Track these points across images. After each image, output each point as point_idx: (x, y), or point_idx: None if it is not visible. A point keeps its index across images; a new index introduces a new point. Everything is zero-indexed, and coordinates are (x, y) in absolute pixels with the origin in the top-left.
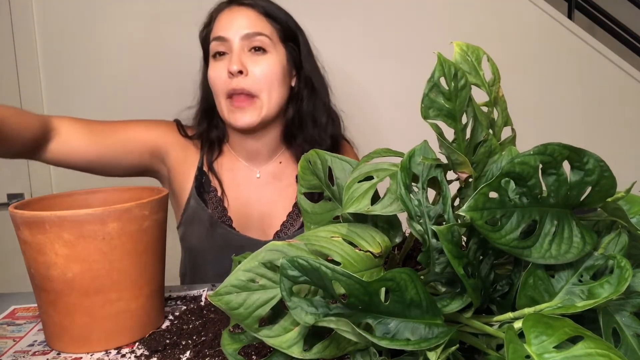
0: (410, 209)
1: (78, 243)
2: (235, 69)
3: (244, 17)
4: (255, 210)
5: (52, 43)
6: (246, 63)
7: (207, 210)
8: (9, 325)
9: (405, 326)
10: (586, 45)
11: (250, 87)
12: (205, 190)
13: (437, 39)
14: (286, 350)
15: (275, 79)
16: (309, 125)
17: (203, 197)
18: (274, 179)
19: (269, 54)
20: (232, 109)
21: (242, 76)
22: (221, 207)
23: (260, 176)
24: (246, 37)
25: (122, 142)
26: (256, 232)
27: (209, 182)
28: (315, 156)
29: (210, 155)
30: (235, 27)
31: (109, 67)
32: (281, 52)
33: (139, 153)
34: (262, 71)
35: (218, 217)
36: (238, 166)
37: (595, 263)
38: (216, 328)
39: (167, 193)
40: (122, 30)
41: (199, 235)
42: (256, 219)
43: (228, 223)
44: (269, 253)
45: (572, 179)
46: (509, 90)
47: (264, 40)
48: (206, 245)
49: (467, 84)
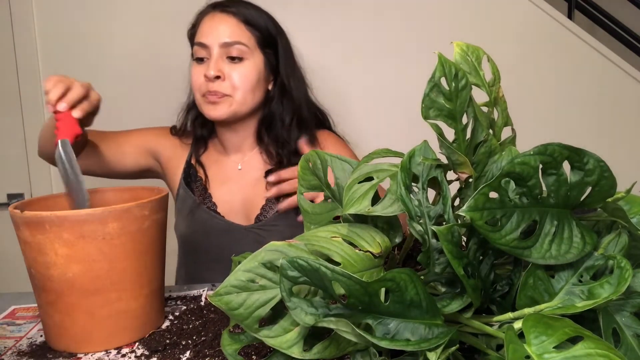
0: (411, 209)
1: (78, 243)
2: (212, 74)
3: (225, 25)
4: (238, 197)
5: (52, 43)
6: (223, 69)
7: (193, 197)
8: (9, 325)
9: (405, 326)
10: (586, 45)
11: (225, 90)
12: (192, 179)
13: (437, 39)
14: (286, 350)
15: (250, 84)
16: (277, 126)
17: (190, 186)
18: (254, 169)
19: (246, 61)
20: (206, 102)
21: (219, 81)
22: (206, 194)
23: (241, 167)
24: (225, 45)
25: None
26: (240, 218)
27: (195, 172)
28: (315, 156)
29: (197, 150)
30: (215, 35)
31: (109, 67)
32: (258, 58)
33: (134, 154)
34: (239, 76)
35: (202, 202)
36: (222, 159)
37: (595, 263)
38: (216, 328)
39: (167, 193)
40: (122, 30)
41: (187, 221)
42: (239, 205)
43: (213, 208)
44: (268, 253)
45: (572, 179)
46: (509, 90)
47: (242, 49)
48: (193, 229)
49: (467, 84)
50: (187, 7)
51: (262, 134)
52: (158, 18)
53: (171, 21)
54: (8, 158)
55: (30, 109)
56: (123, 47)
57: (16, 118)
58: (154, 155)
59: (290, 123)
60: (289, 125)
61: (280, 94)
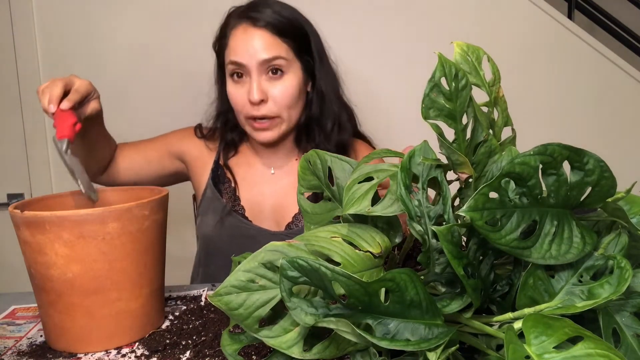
0: (411, 210)
1: (78, 243)
2: (256, 99)
3: (260, 41)
4: (269, 203)
5: (52, 43)
6: (266, 89)
7: (221, 200)
8: (9, 325)
9: (405, 326)
10: (586, 45)
11: (270, 113)
12: (220, 181)
13: (437, 39)
14: (286, 350)
15: (294, 98)
16: (315, 132)
17: (218, 187)
18: (288, 175)
19: (286, 75)
20: (254, 128)
21: (264, 104)
22: (234, 197)
23: (274, 172)
24: (264, 63)
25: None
26: (269, 224)
27: (224, 174)
28: (315, 156)
29: (227, 152)
30: (251, 53)
31: (109, 67)
32: (297, 67)
33: (159, 159)
34: (281, 94)
35: (231, 206)
36: (254, 162)
37: (595, 263)
38: (216, 328)
39: (167, 193)
40: (123, 30)
41: (212, 224)
42: (269, 211)
43: (241, 212)
44: (268, 253)
45: (572, 179)
46: (509, 90)
47: (281, 63)
48: (218, 233)
49: (467, 85)
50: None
51: (302, 140)
52: (158, 18)
53: (172, 21)
54: (8, 158)
55: (30, 109)
56: (123, 47)
57: (16, 118)
58: (179, 157)
59: (332, 129)
60: (330, 131)
61: (319, 98)
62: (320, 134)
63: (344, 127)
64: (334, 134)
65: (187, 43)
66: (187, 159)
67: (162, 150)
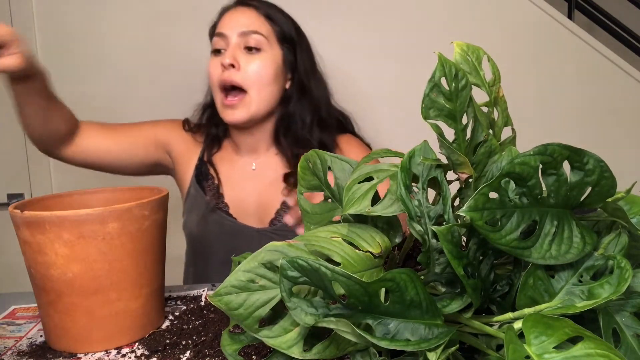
0: (411, 210)
1: (78, 243)
2: (227, 62)
3: (245, 16)
4: (252, 199)
5: (52, 43)
6: (239, 59)
7: (204, 197)
8: (9, 325)
9: (405, 327)
10: (586, 45)
11: (240, 81)
12: (203, 178)
13: (437, 39)
14: (286, 350)
15: (266, 77)
16: (296, 127)
17: (202, 185)
18: (269, 170)
19: (264, 53)
20: (224, 105)
21: (234, 70)
22: (218, 194)
23: (255, 167)
24: (243, 35)
25: (130, 138)
26: (253, 220)
27: (207, 170)
28: (315, 156)
29: (211, 148)
30: (233, 24)
31: (109, 67)
32: (277, 52)
33: (145, 146)
34: (254, 68)
35: (215, 203)
36: (236, 159)
37: (595, 263)
38: (216, 328)
39: (167, 193)
40: (123, 30)
41: (197, 221)
42: (253, 207)
43: (225, 210)
44: (268, 253)
45: (572, 179)
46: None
47: (260, 39)
48: (203, 230)
49: (467, 84)
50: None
51: (280, 135)
52: (159, 18)
53: (172, 20)
54: (8, 158)
55: None
56: (123, 47)
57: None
58: (165, 148)
59: (311, 123)
60: (310, 125)
61: (300, 93)
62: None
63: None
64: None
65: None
66: (173, 153)
67: (150, 137)
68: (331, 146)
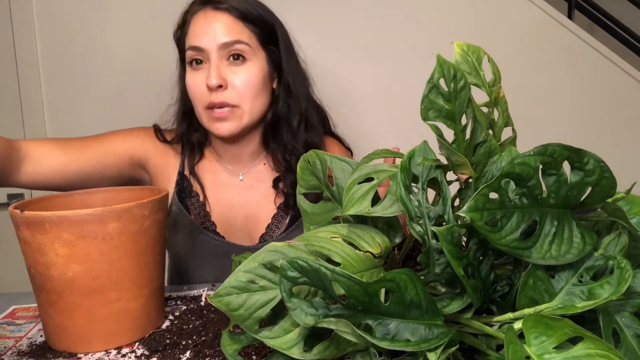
0: (410, 210)
1: (78, 243)
2: (214, 84)
3: (220, 24)
4: (240, 214)
5: (52, 43)
6: (225, 74)
7: (189, 217)
8: (9, 325)
9: (405, 327)
10: (586, 45)
11: (230, 100)
12: (186, 195)
13: (437, 39)
14: (286, 351)
15: (256, 87)
16: (283, 130)
17: (185, 203)
18: (258, 181)
19: (249, 62)
20: (212, 119)
21: (222, 90)
22: (204, 213)
23: (243, 179)
24: (224, 47)
25: (98, 156)
26: (242, 236)
27: (190, 186)
28: (315, 157)
29: (192, 159)
30: (211, 36)
31: (109, 67)
32: (261, 57)
33: (117, 165)
34: (242, 82)
35: (200, 222)
36: (220, 169)
37: (595, 264)
38: (216, 328)
39: (167, 193)
40: (123, 30)
41: (182, 242)
42: (241, 223)
43: (212, 229)
44: (268, 254)
45: (572, 179)
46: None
47: (243, 48)
48: (189, 252)
49: (466, 85)
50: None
51: (269, 140)
52: (158, 18)
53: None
54: None
55: (30, 109)
56: (123, 47)
57: (16, 118)
58: (140, 164)
59: (298, 126)
60: (297, 129)
61: (286, 94)
62: (287, 133)
63: (314, 127)
64: (301, 133)
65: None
66: (150, 168)
67: (122, 152)
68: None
